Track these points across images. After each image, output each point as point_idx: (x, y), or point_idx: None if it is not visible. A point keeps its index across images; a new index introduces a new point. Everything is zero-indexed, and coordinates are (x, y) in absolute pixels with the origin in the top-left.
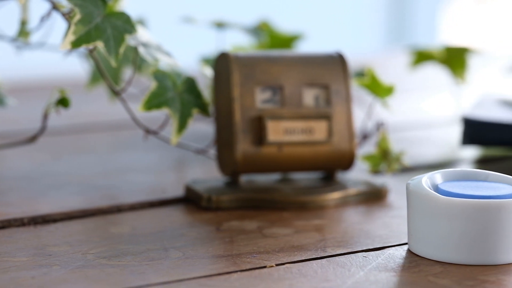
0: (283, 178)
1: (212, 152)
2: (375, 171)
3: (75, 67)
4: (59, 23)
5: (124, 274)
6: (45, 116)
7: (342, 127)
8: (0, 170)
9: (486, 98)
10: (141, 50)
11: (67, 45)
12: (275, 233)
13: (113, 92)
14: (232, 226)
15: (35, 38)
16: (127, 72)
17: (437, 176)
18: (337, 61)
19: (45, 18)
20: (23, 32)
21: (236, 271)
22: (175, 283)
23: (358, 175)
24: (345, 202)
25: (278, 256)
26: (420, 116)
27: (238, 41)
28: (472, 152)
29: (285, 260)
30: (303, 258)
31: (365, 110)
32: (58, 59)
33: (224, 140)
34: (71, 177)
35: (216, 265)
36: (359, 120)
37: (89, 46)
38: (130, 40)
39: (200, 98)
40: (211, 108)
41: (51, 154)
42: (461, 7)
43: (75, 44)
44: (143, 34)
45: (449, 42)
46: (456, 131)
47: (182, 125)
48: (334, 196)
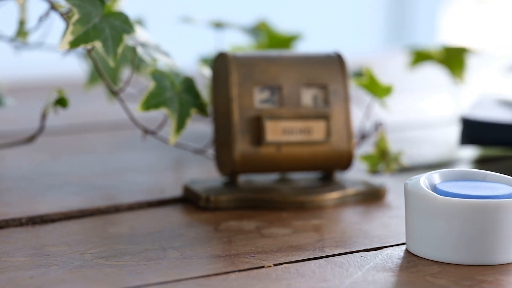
0: (282, 178)
1: (211, 152)
2: (374, 171)
3: (74, 67)
4: (58, 23)
5: (122, 274)
6: (44, 116)
7: (341, 127)
8: None
9: (485, 98)
10: (139, 50)
11: (65, 45)
12: (274, 233)
13: (111, 92)
14: (231, 226)
15: (34, 38)
16: (126, 72)
17: (435, 176)
18: (336, 61)
19: (43, 18)
20: (22, 32)
21: (234, 271)
22: (173, 283)
23: (357, 175)
24: (344, 202)
25: (276, 256)
26: (419, 116)
27: (237, 41)
28: (471, 152)
29: (283, 260)
30: (301, 258)
31: (364, 110)
32: (57, 59)
33: (223, 140)
34: (70, 177)
35: (214, 265)
36: (358, 120)
37: (87, 46)
38: (129, 40)
39: (199, 98)
40: (210, 108)
41: (50, 154)
42: (461, 7)
43: (73, 44)
44: (142, 34)
45: (449, 42)
46: (455, 131)
47: (181, 125)
48: (333, 196)
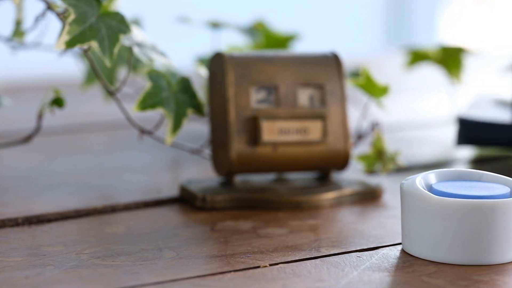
0: (278, 178)
1: (207, 152)
2: (370, 171)
3: (70, 67)
4: (54, 23)
5: (118, 274)
6: (40, 116)
7: (337, 127)
8: None
9: (482, 98)
10: (136, 50)
11: (62, 45)
12: (270, 233)
13: (108, 92)
14: (227, 226)
15: (30, 38)
16: (122, 72)
17: (431, 176)
18: (332, 61)
19: (40, 18)
20: (18, 32)
21: (230, 271)
22: (169, 283)
23: (353, 175)
24: (340, 202)
25: (272, 256)
26: (416, 116)
27: (234, 41)
28: (467, 152)
29: (279, 260)
30: (297, 258)
31: (360, 110)
32: (53, 59)
33: (219, 140)
34: (66, 177)
35: (210, 265)
36: (354, 120)
37: (84, 46)
38: (125, 40)
39: (195, 98)
40: (206, 108)
41: (46, 154)
42: (460, 7)
43: (70, 44)
44: (138, 34)
45: (447, 42)
46: (452, 131)
47: (177, 125)
48: (329, 196)
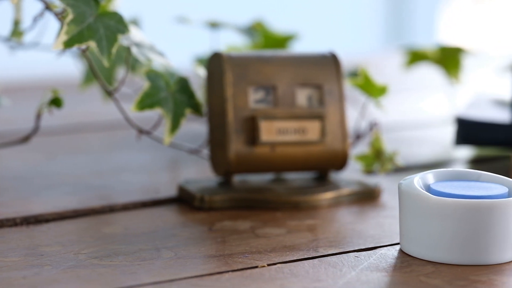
0: (276, 178)
1: (205, 152)
2: (368, 171)
3: (69, 67)
4: (53, 23)
5: (116, 274)
6: (38, 116)
7: (335, 127)
8: None
9: (480, 98)
10: (134, 50)
11: (60, 45)
12: (268, 233)
13: (106, 92)
14: (225, 226)
15: (29, 38)
16: (121, 72)
17: (429, 176)
18: (330, 61)
19: (38, 18)
20: (17, 32)
21: (228, 271)
22: (167, 283)
23: (351, 175)
24: (338, 202)
25: (270, 256)
26: (414, 116)
27: (232, 41)
28: (466, 152)
29: (277, 260)
30: (295, 258)
31: (359, 110)
32: (52, 59)
33: (217, 140)
34: (64, 177)
35: (208, 265)
36: (353, 120)
37: (82, 46)
38: (123, 40)
39: (193, 98)
40: (204, 108)
41: (45, 154)
42: (459, 7)
43: (68, 44)
44: (136, 34)
45: (447, 42)
46: (450, 131)
47: (175, 125)
48: (327, 196)
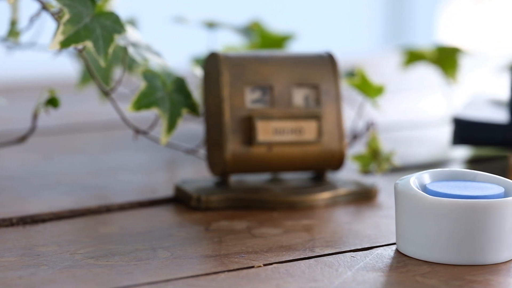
0: (273, 178)
1: (202, 152)
2: (365, 171)
3: (66, 67)
4: (49, 23)
5: (112, 274)
6: (35, 116)
7: (332, 127)
8: None
9: (477, 98)
10: (131, 50)
11: (56, 45)
12: (264, 233)
13: (103, 92)
14: (221, 226)
15: (25, 38)
16: (118, 72)
17: (425, 176)
18: (327, 61)
19: (35, 18)
20: (13, 32)
21: (224, 271)
22: (163, 283)
23: (348, 175)
24: (335, 202)
25: (266, 256)
26: (411, 116)
27: (230, 41)
28: (463, 152)
29: (273, 260)
30: (291, 258)
31: (356, 110)
32: (48, 59)
33: (214, 140)
34: (61, 177)
35: (204, 265)
36: (349, 120)
37: (78, 46)
38: (120, 40)
39: (190, 98)
40: (201, 108)
41: (41, 154)
42: (459, 7)
43: (64, 44)
44: (133, 34)
45: (446, 42)
46: (447, 131)
47: (172, 125)
48: (324, 196)
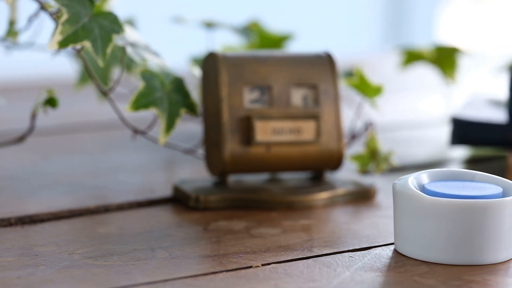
0: (271, 178)
1: (201, 152)
2: (364, 171)
3: (64, 67)
4: (48, 23)
5: (110, 274)
6: (33, 116)
7: (331, 127)
8: None
9: (476, 98)
10: (129, 50)
11: (54, 45)
12: (263, 233)
13: (102, 92)
14: (220, 226)
15: (24, 38)
16: (116, 72)
17: (424, 176)
18: (326, 61)
19: (33, 18)
20: (12, 32)
21: (222, 271)
22: (161, 283)
23: (347, 175)
24: (333, 202)
25: (265, 256)
26: (410, 116)
27: (228, 41)
28: (461, 152)
29: (271, 260)
30: (290, 258)
31: (354, 110)
32: (47, 59)
33: (212, 140)
34: (59, 177)
35: (202, 265)
36: (348, 120)
37: (77, 46)
38: (118, 40)
39: (188, 98)
40: (200, 108)
41: (40, 154)
42: (459, 7)
43: (62, 44)
44: (131, 34)
45: (445, 42)
46: (446, 131)
47: (170, 125)
48: (322, 196)
